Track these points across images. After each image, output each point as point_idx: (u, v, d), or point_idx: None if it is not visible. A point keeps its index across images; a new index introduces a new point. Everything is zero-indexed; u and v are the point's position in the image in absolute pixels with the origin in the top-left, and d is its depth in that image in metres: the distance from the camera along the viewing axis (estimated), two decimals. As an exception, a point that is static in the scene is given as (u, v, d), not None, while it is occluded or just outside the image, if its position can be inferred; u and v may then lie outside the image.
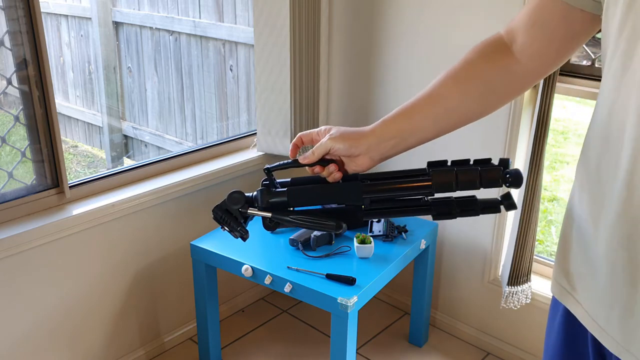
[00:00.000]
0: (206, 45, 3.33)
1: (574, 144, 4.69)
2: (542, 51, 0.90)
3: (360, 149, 0.93)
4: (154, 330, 2.35)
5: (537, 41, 0.90)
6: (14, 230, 1.82)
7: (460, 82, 0.94)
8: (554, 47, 0.90)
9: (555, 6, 0.86)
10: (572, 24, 0.86)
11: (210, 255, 2.07)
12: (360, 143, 0.93)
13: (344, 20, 2.48)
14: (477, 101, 0.94)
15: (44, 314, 1.97)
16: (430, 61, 2.27)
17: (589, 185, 0.81)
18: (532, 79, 0.95)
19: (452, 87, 0.94)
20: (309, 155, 0.95)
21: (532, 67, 0.92)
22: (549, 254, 3.60)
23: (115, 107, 4.09)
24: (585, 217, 0.82)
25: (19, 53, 1.80)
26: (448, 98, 0.93)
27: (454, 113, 0.94)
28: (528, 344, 2.31)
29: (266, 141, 2.45)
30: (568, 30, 0.87)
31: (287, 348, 2.44)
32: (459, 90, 0.93)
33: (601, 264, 0.79)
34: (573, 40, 0.89)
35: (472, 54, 0.95)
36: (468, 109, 0.95)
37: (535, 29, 0.89)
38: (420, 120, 0.94)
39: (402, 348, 2.44)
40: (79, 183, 2.04)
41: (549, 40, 0.89)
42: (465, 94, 0.93)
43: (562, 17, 0.86)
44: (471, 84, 0.94)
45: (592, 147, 0.81)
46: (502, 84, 0.94)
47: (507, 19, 2.08)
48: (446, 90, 0.94)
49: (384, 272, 1.97)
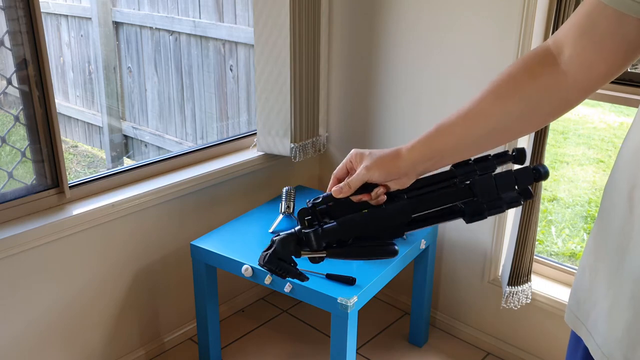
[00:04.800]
0: (206, 45, 3.33)
1: (574, 144, 4.70)
2: (592, 62, 0.83)
3: (398, 174, 0.90)
4: (154, 330, 2.35)
5: (586, 51, 0.82)
6: (14, 230, 1.82)
7: (501, 98, 0.88)
8: (603, 58, 0.82)
9: (606, 13, 0.79)
10: (626, 33, 0.79)
11: (210, 255, 2.07)
12: (398, 168, 0.90)
13: (344, 21, 2.48)
14: (518, 119, 0.89)
15: (43, 313, 1.97)
16: (431, 61, 2.27)
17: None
18: (579, 94, 0.87)
19: (492, 104, 0.88)
20: (345, 188, 0.91)
21: (580, 80, 0.85)
22: (549, 254, 3.60)
23: (115, 107, 4.09)
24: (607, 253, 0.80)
25: (19, 53, 1.80)
26: (488, 117, 0.89)
27: (494, 133, 0.90)
28: (528, 344, 2.31)
29: (266, 141, 2.45)
30: (621, 40, 0.80)
31: (287, 348, 2.44)
32: (500, 107, 0.88)
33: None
34: (627, 50, 0.81)
35: (515, 67, 0.89)
36: (508, 126, 0.90)
37: (584, 39, 0.82)
38: (460, 141, 0.90)
39: (402, 348, 2.44)
40: (79, 183, 2.04)
41: (600, 51, 0.82)
42: (506, 111, 0.88)
43: (614, 25, 0.79)
44: (513, 100, 0.87)
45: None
46: (546, 101, 0.87)
47: (507, 16, 2.08)
48: (486, 106, 0.89)
49: (384, 272, 1.97)
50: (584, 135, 4.77)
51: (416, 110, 2.35)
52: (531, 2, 1.95)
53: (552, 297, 2.17)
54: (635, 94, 1.93)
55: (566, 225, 3.92)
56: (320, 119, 2.57)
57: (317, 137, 2.55)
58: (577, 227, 3.90)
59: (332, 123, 2.64)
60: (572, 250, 3.67)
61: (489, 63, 2.11)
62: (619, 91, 1.96)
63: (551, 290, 2.20)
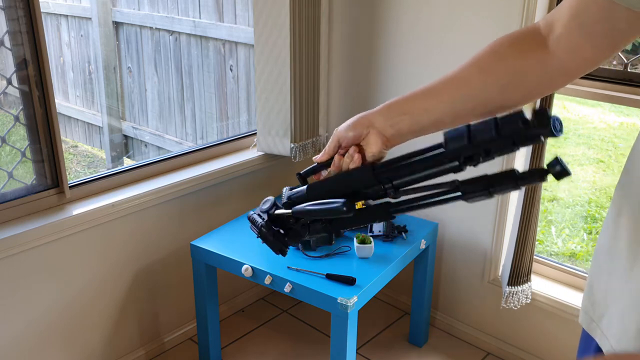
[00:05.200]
0: (206, 45, 3.33)
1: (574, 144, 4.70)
2: (579, 45, 0.83)
3: (366, 124, 0.92)
4: (154, 330, 2.35)
5: (575, 35, 0.82)
6: (14, 230, 1.82)
7: (484, 71, 0.88)
8: (590, 42, 0.82)
9: (597, 0, 0.79)
10: (616, 22, 0.78)
11: (210, 255, 2.07)
12: (366, 119, 0.92)
13: (344, 20, 2.48)
14: (499, 92, 0.88)
15: (43, 313, 1.97)
16: (431, 61, 2.27)
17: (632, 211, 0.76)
18: (564, 77, 0.87)
19: (474, 74, 0.89)
20: (323, 153, 0.96)
21: (566, 63, 0.85)
22: (549, 254, 3.60)
23: (115, 107, 4.09)
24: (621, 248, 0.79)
25: (19, 53, 1.80)
26: (469, 84, 0.89)
27: (472, 99, 0.89)
28: (528, 344, 2.31)
29: (266, 141, 2.45)
30: (610, 28, 0.80)
31: (287, 348, 2.44)
32: (482, 79, 0.88)
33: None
34: (615, 38, 0.81)
35: (501, 42, 0.89)
36: (488, 98, 0.89)
37: (574, 22, 0.82)
38: (436, 101, 0.90)
39: (402, 348, 2.44)
40: (79, 183, 2.04)
41: (588, 35, 0.81)
42: (487, 82, 0.88)
43: (604, 12, 0.78)
44: (496, 73, 0.88)
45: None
46: (529, 78, 0.87)
47: (507, 16, 2.08)
48: (468, 75, 0.89)
49: (384, 272, 1.97)
50: (584, 135, 4.77)
51: (416, 110, 2.35)
52: (531, 2, 1.95)
53: (552, 297, 2.17)
54: (635, 94, 1.93)
55: (566, 225, 3.92)
56: (320, 119, 2.57)
57: (317, 137, 2.55)
58: (577, 227, 3.91)
59: (332, 123, 2.64)
60: (572, 250, 3.67)
61: (489, 63, 2.10)
62: (619, 91, 1.96)
63: (551, 290, 2.20)
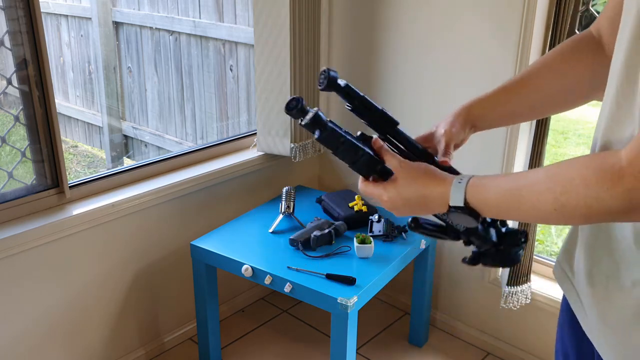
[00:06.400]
0: (206, 45, 3.33)
1: (574, 144, 4.70)
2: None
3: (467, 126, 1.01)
4: (154, 330, 2.35)
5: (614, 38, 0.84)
6: (14, 230, 1.82)
7: (555, 70, 0.96)
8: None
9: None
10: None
11: (210, 255, 2.07)
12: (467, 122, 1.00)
13: (344, 20, 2.48)
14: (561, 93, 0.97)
15: (43, 313, 1.97)
16: (431, 61, 2.27)
17: None
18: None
19: (547, 75, 0.96)
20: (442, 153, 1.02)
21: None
22: (549, 253, 3.60)
23: (115, 107, 4.09)
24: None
25: (19, 53, 1.80)
26: (545, 84, 0.96)
27: (550, 99, 0.98)
28: (528, 344, 2.31)
29: (266, 141, 2.45)
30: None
31: (287, 348, 2.44)
32: (555, 77, 0.96)
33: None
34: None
35: (563, 47, 0.97)
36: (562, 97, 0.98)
37: (617, 22, 0.83)
38: (516, 105, 0.98)
39: (402, 348, 2.44)
40: (79, 183, 2.04)
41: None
42: (561, 79, 0.96)
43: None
44: (565, 71, 0.95)
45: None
46: (592, 77, 0.94)
47: (507, 16, 2.08)
48: (542, 77, 0.97)
49: (384, 272, 1.97)
50: (584, 135, 4.76)
51: (416, 110, 2.35)
52: (531, 2, 1.95)
53: (551, 297, 2.17)
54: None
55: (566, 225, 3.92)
56: (320, 119, 2.56)
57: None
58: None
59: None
60: (572, 250, 3.67)
61: (489, 63, 2.11)
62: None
63: (551, 290, 2.20)
